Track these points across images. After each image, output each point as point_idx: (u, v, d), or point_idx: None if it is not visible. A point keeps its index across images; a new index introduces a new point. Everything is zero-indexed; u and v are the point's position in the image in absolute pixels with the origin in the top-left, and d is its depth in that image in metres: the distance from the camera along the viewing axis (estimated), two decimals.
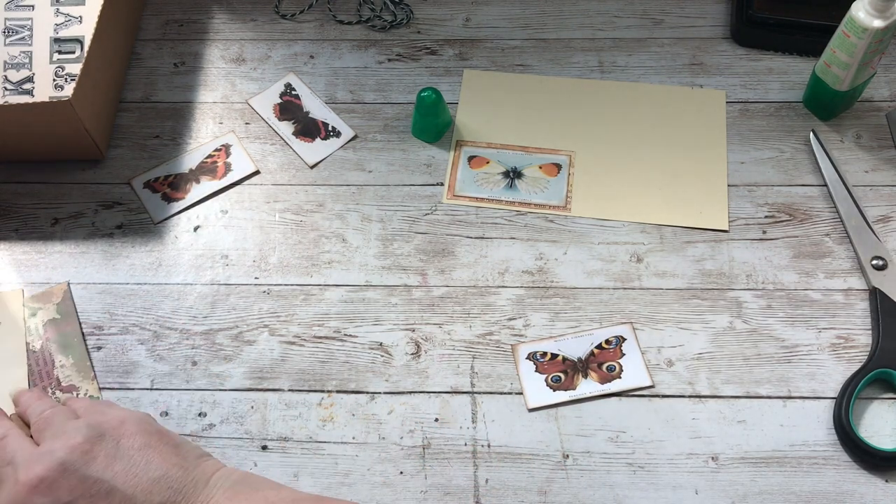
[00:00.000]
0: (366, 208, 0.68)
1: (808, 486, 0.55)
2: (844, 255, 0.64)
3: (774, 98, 0.72)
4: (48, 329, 0.61)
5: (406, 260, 0.65)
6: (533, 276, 0.64)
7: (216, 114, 0.73)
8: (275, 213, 0.68)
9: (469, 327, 0.62)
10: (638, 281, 0.63)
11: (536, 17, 0.78)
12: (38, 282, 0.65)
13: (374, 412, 0.58)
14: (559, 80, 0.74)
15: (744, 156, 0.69)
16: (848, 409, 0.56)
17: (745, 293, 0.62)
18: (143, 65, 0.76)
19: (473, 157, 0.70)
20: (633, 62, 0.75)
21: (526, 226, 0.66)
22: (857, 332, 0.60)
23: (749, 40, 0.75)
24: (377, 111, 0.73)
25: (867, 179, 0.67)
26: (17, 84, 0.71)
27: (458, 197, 0.68)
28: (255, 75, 0.75)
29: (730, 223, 0.66)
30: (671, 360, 0.60)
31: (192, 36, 0.78)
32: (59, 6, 0.74)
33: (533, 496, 0.55)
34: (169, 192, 0.69)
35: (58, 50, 0.72)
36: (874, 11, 0.61)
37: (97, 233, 0.67)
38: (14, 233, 0.67)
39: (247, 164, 0.70)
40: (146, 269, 0.65)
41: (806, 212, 0.66)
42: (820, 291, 0.62)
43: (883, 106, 0.71)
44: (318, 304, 0.63)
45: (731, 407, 0.58)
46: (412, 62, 0.76)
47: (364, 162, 0.70)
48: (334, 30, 0.78)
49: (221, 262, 0.65)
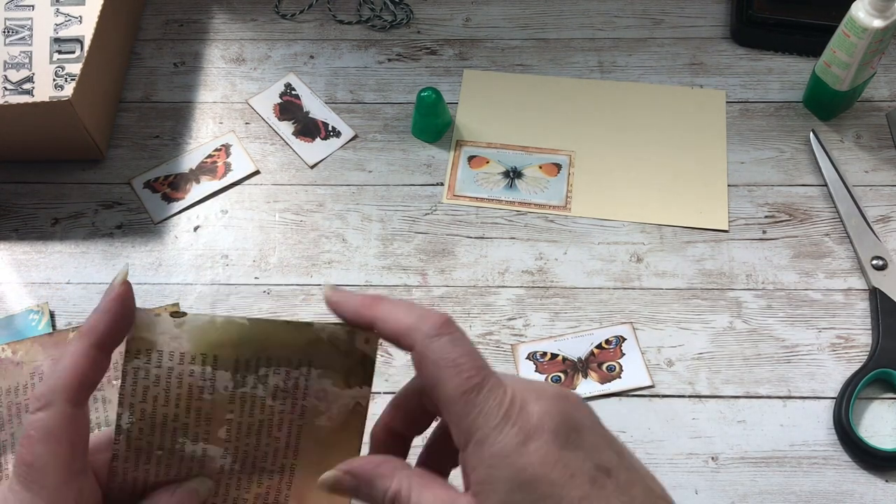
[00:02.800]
0: (366, 208, 0.68)
1: (808, 486, 0.55)
2: (844, 255, 0.64)
3: (774, 98, 0.72)
4: None
5: (406, 260, 0.65)
6: (533, 276, 0.64)
7: (216, 114, 0.73)
8: (275, 213, 0.68)
9: (469, 327, 0.62)
10: (638, 281, 0.63)
11: (536, 17, 0.78)
12: (37, 282, 0.65)
13: (375, 412, 0.58)
14: (559, 80, 0.74)
15: (744, 156, 0.69)
16: (848, 409, 0.56)
17: (745, 293, 0.62)
18: (143, 65, 0.76)
19: (473, 156, 0.70)
20: (633, 62, 0.75)
21: (526, 226, 0.66)
22: (857, 332, 0.60)
23: (749, 40, 0.75)
24: (377, 111, 0.73)
25: (867, 179, 0.67)
26: (17, 84, 0.71)
27: (458, 197, 0.68)
28: (255, 75, 0.75)
29: (730, 223, 0.66)
30: (671, 360, 0.60)
31: (192, 36, 0.78)
32: (59, 6, 0.74)
33: None
34: (169, 192, 0.69)
35: (58, 50, 0.72)
36: (874, 11, 0.61)
37: (97, 233, 0.67)
38: (14, 233, 0.67)
39: (247, 164, 0.70)
40: (146, 269, 0.65)
41: (806, 212, 0.66)
42: (820, 291, 0.62)
43: (883, 106, 0.71)
44: (319, 304, 0.63)
45: (731, 407, 0.58)
46: (412, 62, 0.76)
47: (364, 162, 0.70)
48: (334, 30, 0.78)
49: (221, 262, 0.65)
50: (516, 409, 0.36)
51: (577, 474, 0.36)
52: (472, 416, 0.36)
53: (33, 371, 0.59)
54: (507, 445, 0.36)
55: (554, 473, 0.35)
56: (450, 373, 0.36)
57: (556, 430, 0.36)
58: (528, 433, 0.36)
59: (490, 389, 0.37)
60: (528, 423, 0.36)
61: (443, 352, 0.36)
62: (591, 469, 0.36)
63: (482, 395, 0.37)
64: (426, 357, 0.36)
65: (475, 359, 0.36)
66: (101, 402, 0.58)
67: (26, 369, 0.59)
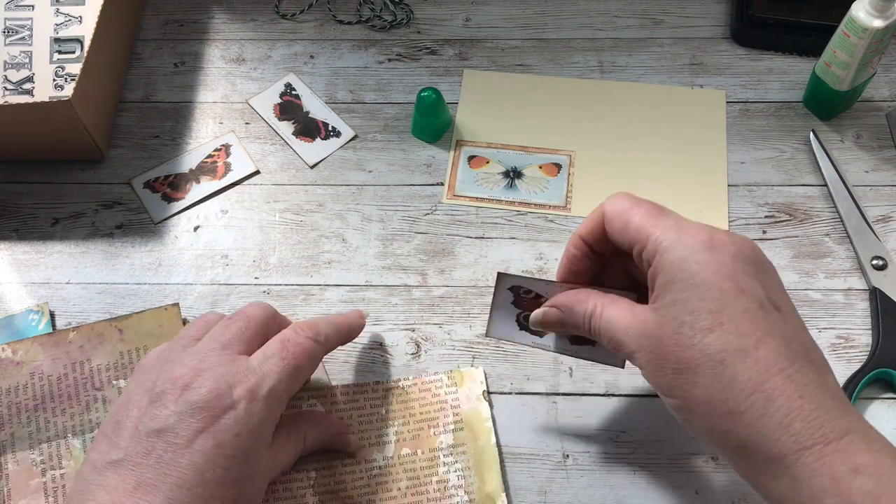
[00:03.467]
0: (366, 208, 0.68)
1: None
2: (844, 255, 0.64)
3: (774, 98, 0.72)
4: None
5: (406, 260, 0.65)
6: (533, 275, 0.64)
7: (216, 114, 0.73)
8: (275, 213, 0.68)
9: (469, 327, 0.62)
10: None
11: (536, 17, 0.78)
12: (37, 282, 0.65)
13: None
14: (559, 80, 0.74)
15: (744, 156, 0.69)
16: None
17: None
18: (143, 65, 0.76)
19: (473, 156, 0.70)
20: (633, 62, 0.75)
21: (526, 226, 0.66)
22: (857, 332, 0.60)
23: (749, 40, 0.75)
24: (377, 111, 0.73)
25: (867, 179, 0.67)
26: (17, 84, 0.71)
27: (458, 197, 0.68)
28: (255, 75, 0.75)
29: (730, 223, 0.66)
30: None
31: (192, 36, 0.78)
32: (59, 6, 0.74)
33: (533, 496, 0.55)
34: (169, 192, 0.69)
35: (58, 50, 0.72)
36: (874, 11, 0.61)
37: (97, 233, 0.67)
38: (14, 233, 0.67)
39: (247, 164, 0.70)
40: (146, 269, 0.65)
41: (806, 212, 0.66)
42: (820, 291, 0.62)
43: (883, 106, 0.71)
44: (318, 304, 0.63)
45: None
46: (412, 62, 0.76)
47: (364, 162, 0.70)
48: (334, 30, 0.78)
49: (221, 262, 0.65)
50: (703, 231, 0.41)
51: (748, 294, 0.39)
52: (661, 228, 0.42)
53: (33, 371, 0.59)
54: (687, 252, 0.40)
55: (726, 284, 0.39)
56: (636, 210, 0.44)
57: (737, 253, 0.40)
58: (710, 246, 0.40)
59: (671, 214, 0.44)
60: (712, 240, 0.40)
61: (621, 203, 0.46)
62: (763, 297, 0.40)
63: (665, 214, 0.43)
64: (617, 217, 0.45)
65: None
66: (101, 402, 0.58)
67: (26, 369, 0.59)
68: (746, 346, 0.38)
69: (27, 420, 0.57)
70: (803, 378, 0.38)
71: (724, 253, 0.40)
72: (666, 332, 0.40)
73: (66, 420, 0.57)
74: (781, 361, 0.38)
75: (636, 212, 0.44)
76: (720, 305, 0.39)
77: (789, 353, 0.38)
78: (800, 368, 0.38)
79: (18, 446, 0.56)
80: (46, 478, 0.55)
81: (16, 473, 0.55)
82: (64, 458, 0.56)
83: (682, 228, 0.42)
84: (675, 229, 0.42)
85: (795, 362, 0.38)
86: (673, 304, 0.40)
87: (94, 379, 0.59)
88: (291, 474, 0.54)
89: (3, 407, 0.58)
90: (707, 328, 0.39)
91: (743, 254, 0.41)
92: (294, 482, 0.54)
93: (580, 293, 0.45)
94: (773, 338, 0.38)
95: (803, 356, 0.39)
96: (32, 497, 0.54)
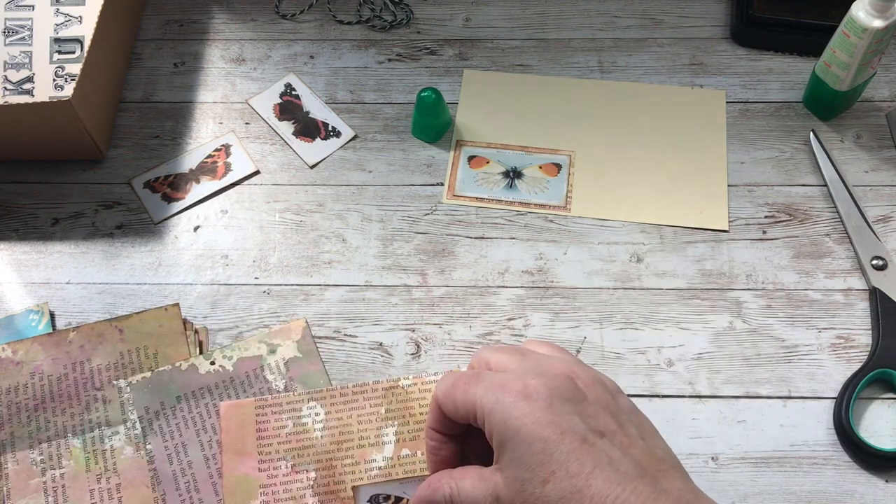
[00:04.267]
0: (366, 208, 0.68)
1: (808, 486, 0.55)
2: (844, 255, 0.64)
3: (774, 98, 0.72)
4: (291, 368, 0.60)
5: (406, 260, 0.65)
6: (533, 276, 0.64)
7: (216, 114, 0.73)
8: (275, 213, 0.68)
9: (469, 327, 0.62)
10: (638, 281, 0.63)
11: (536, 17, 0.78)
12: (37, 282, 0.65)
13: None
14: (559, 80, 0.74)
15: (744, 156, 0.69)
16: (848, 409, 0.56)
17: (745, 293, 0.62)
18: (143, 65, 0.77)
19: (473, 157, 0.70)
20: (633, 62, 0.75)
21: (526, 226, 0.66)
22: (857, 332, 0.60)
23: (749, 40, 0.75)
24: (377, 111, 0.73)
25: (867, 179, 0.67)
26: (17, 84, 0.71)
27: (458, 197, 0.68)
28: (255, 75, 0.75)
29: (730, 223, 0.66)
30: (671, 360, 0.60)
31: (192, 36, 0.78)
32: (59, 6, 0.74)
33: None
34: (169, 192, 0.69)
35: (58, 50, 0.72)
36: (874, 11, 0.61)
37: (97, 233, 0.67)
38: (14, 233, 0.67)
39: (247, 164, 0.70)
40: (146, 269, 0.65)
41: (806, 212, 0.66)
42: (820, 291, 0.62)
43: (883, 106, 0.71)
44: (318, 304, 0.63)
45: (731, 407, 0.58)
46: (412, 62, 0.76)
47: (364, 162, 0.70)
48: (334, 30, 0.78)
49: (221, 262, 0.65)
50: (517, 382, 0.43)
51: (569, 434, 0.41)
52: (480, 394, 0.44)
53: (33, 371, 0.59)
54: (507, 409, 0.42)
55: (546, 431, 0.41)
56: (457, 386, 0.45)
57: (550, 397, 0.42)
58: (525, 396, 0.42)
59: (486, 376, 0.45)
60: (526, 389, 0.42)
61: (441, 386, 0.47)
62: (584, 430, 0.42)
63: (481, 379, 0.45)
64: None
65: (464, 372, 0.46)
66: (101, 402, 0.58)
67: (26, 369, 0.59)
68: (580, 487, 0.40)
69: (27, 420, 0.57)
70: (637, 498, 0.39)
71: (538, 399, 0.42)
72: (514, 492, 0.42)
73: (66, 420, 0.57)
74: (614, 489, 0.39)
75: (457, 388, 0.45)
76: (547, 455, 0.41)
77: (619, 478, 0.40)
78: (633, 489, 0.39)
79: (18, 446, 0.56)
80: (46, 477, 0.55)
81: (15, 473, 0.55)
82: (64, 457, 0.56)
83: (498, 387, 0.43)
84: (493, 391, 0.43)
85: (628, 485, 0.39)
86: (510, 464, 0.42)
87: (94, 379, 0.59)
88: (291, 474, 0.54)
89: (3, 407, 0.58)
90: (543, 480, 0.40)
91: (557, 393, 0.43)
92: (294, 482, 0.54)
93: (432, 480, 0.46)
94: (601, 469, 0.40)
95: (635, 473, 0.40)
96: (32, 496, 0.54)
